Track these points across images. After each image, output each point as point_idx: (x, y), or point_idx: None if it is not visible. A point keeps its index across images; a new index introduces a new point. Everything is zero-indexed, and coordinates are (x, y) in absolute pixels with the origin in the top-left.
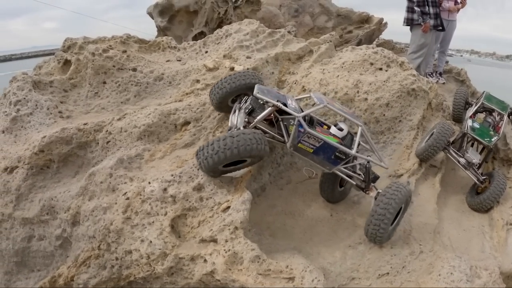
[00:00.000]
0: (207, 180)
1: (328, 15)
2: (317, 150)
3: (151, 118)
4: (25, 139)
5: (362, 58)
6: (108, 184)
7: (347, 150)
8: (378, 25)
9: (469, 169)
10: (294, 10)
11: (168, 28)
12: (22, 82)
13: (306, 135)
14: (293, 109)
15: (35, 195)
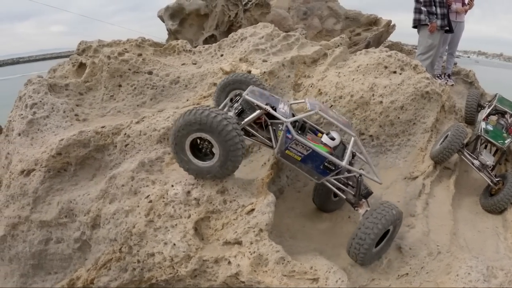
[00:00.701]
0: (231, 183)
1: (336, 17)
2: (305, 158)
3: (170, 121)
4: (41, 141)
5: (376, 61)
6: (130, 187)
7: (337, 161)
8: (386, 27)
9: (483, 171)
10: (302, 13)
11: (179, 31)
12: (37, 85)
13: (294, 142)
14: (282, 114)
15: (52, 197)
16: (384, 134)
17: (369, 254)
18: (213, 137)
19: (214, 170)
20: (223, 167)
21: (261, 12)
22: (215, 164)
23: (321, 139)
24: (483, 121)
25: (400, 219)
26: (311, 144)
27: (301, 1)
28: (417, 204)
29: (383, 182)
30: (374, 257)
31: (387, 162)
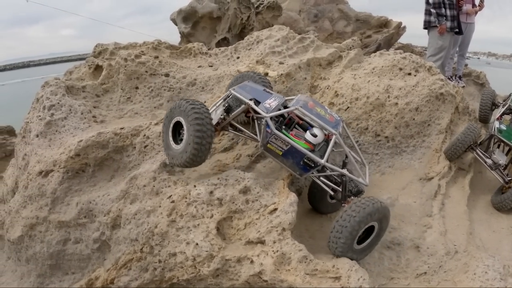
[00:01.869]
0: (253, 183)
1: (347, 20)
2: (286, 153)
3: None
4: (60, 143)
5: (391, 63)
6: (152, 187)
7: (316, 158)
8: (396, 29)
9: (496, 170)
10: (313, 15)
11: (192, 34)
12: (55, 87)
13: (273, 137)
14: (266, 109)
15: (71, 198)
16: (399, 136)
17: (348, 249)
18: (184, 121)
19: (178, 154)
20: (184, 151)
21: (272, 15)
22: (181, 147)
23: (305, 136)
24: (497, 120)
25: (385, 216)
26: (289, 140)
27: (312, 3)
28: (433, 204)
29: (399, 183)
30: (358, 254)
31: (402, 163)
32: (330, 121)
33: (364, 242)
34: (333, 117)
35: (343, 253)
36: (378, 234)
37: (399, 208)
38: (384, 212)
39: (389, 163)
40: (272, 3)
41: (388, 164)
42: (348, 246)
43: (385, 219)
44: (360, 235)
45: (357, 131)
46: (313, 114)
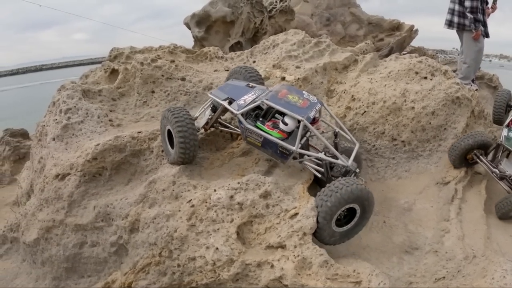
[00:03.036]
0: (274, 187)
1: (359, 23)
2: (264, 144)
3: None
4: (76, 146)
5: (407, 67)
6: (171, 191)
7: (288, 146)
8: (409, 32)
9: (503, 181)
10: (325, 19)
11: (205, 38)
12: (71, 90)
13: (248, 131)
14: (239, 106)
15: (88, 202)
16: (416, 140)
17: (327, 229)
18: (171, 128)
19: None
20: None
21: (285, 19)
22: (174, 150)
23: (279, 125)
24: (506, 127)
25: (368, 200)
26: (261, 132)
27: (324, 7)
28: (450, 209)
29: (416, 187)
30: (338, 237)
31: (419, 167)
32: (302, 106)
33: (346, 226)
34: (306, 102)
35: (322, 233)
36: (361, 218)
37: (416, 212)
38: (364, 194)
39: (406, 167)
40: (285, 7)
41: (404, 168)
42: (327, 225)
43: (367, 202)
44: (340, 218)
45: (374, 135)
46: (280, 103)
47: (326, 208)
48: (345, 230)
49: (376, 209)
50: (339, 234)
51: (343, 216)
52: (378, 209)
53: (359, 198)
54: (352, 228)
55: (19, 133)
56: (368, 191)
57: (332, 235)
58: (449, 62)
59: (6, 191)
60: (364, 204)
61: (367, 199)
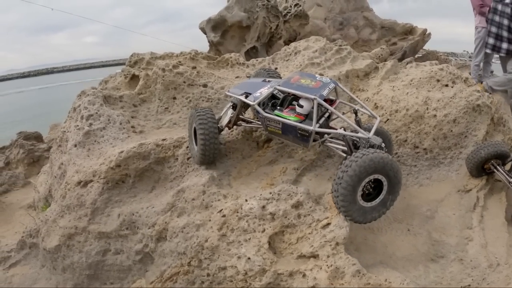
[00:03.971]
0: (306, 197)
1: (372, 27)
2: (284, 130)
3: (235, 135)
4: (99, 153)
5: (428, 75)
6: (201, 201)
7: (305, 127)
8: (421, 36)
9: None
10: (339, 23)
11: (221, 43)
12: (92, 96)
13: (266, 119)
14: (255, 98)
15: (111, 209)
16: (437, 147)
17: (351, 203)
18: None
19: (195, 153)
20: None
21: (299, 23)
22: (197, 147)
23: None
24: None
25: (392, 169)
26: (278, 118)
27: (337, 11)
28: (472, 217)
29: (437, 195)
30: (365, 213)
31: (440, 175)
32: (314, 87)
33: (375, 200)
34: (319, 83)
35: (346, 206)
36: (389, 190)
37: (439, 220)
38: (386, 162)
39: (427, 175)
40: (299, 11)
41: (426, 175)
42: (349, 198)
43: (392, 172)
44: (369, 192)
45: (396, 143)
46: (293, 87)
47: (347, 178)
48: (374, 205)
49: (399, 216)
50: (369, 209)
51: (372, 190)
52: (401, 216)
53: (381, 167)
54: (382, 202)
55: (33, 136)
56: (391, 159)
57: (361, 210)
58: (461, 66)
59: (20, 193)
60: (389, 174)
61: (391, 168)
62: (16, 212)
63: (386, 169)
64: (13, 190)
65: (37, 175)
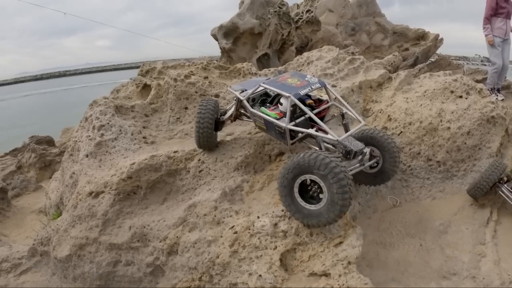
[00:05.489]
0: None
1: (384, 33)
2: (267, 126)
3: (247, 149)
4: (110, 164)
5: (442, 86)
6: (213, 217)
7: (279, 123)
8: (434, 41)
9: None
10: (350, 29)
11: (233, 50)
12: (104, 106)
13: (252, 114)
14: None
15: (123, 221)
16: (450, 160)
17: (290, 203)
18: None
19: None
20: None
21: (311, 30)
22: None
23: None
24: None
25: (332, 171)
26: (260, 113)
27: (349, 17)
28: (486, 232)
29: (450, 209)
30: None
31: (453, 187)
32: (296, 86)
33: (315, 204)
34: (304, 82)
35: (285, 206)
36: (331, 196)
37: (452, 235)
38: (322, 165)
39: (440, 188)
40: (311, 17)
41: (439, 188)
42: (288, 199)
43: (332, 175)
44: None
45: (409, 156)
46: (276, 85)
47: (280, 177)
48: (317, 209)
49: (412, 231)
50: (314, 212)
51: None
52: (414, 231)
53: (313, 168)
54: (326, 208)
55: (44, 140)
56: (329, 161)
57: (301, 212)
58: (474, 72)
59: (31, 198)
60: (324, 176)
61: (324, 169)
62: (28, 216)
63: (320, 171)
64: (24, 194)
65: (48, 179)
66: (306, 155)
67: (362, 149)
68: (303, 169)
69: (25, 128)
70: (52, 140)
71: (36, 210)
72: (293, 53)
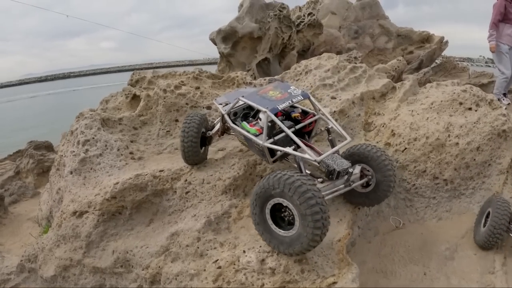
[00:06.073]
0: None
1: (388, 35)
2: (248, 142)
3: (236, 170)
4: (95, 182)
5: (451, 97)
6: (196, 248)
7: (257, 140)
8: (439, 44)
9: None
10: (354, 32)
11: (232, 55)
12: (90, 120)
13: (233, 130)
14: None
15: (107, 243)
16: (458, 178)
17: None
18: None
19: None
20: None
21: (313, 33)
22: None
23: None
24: None
25: (300, 193)
26: (239, 128)
27: (352, 19)
28: (495, 258)
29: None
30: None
31: (460, 207)
32: (275, 99)
33: (287, 230)
34: (285, 95)
35: (259, 232)
36: (302, 221)
37: (459, 261)
38: (287, 187)
39: (447, 207)
40: (313, 21)
41: (445, 208)
42: (261, 226)
43: (303, 198)
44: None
45: (414, 174)
46: (254, 98)
47: (251, 202)
48: (288, 235)
49: (416, 257)
50: (288, 239)
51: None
52: (418, 257)
53: (275, 190)
54: (297, 234)
55: (43, 146)
56: (290, 181)
57: (275, 239)
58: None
59: (29, 204)
60: (291, 198)
61: (302, 195)
62: (24, 224)
63: (286, 194)
64: (22, 200)
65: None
66: (271, 177)
67: (347, 168)
68: (269, 193)
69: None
70: (51, 145)
71: (32, 217)
72: (295, 57)
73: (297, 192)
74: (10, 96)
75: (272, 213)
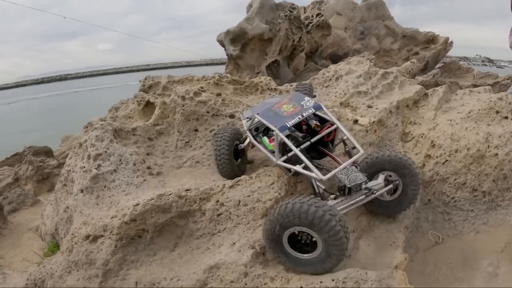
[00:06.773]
0: (377, 285)
1: (393, 36)
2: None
3: (277, 190)
4: (109, 201)
5: (487, 105)
6: (244, 285)
7: (271, 157)
8: (444, 45)
9: None
10: (360, 33)
11: (241, 57)
12: (101, 131)
13: (256, 147)
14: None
15: (127, 272)
16: (496, 189)
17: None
18: None
19: None
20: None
21: (321, 34)
22: None
23: None
24: None
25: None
26: (258, 144)
27: (358, 20)
28: None
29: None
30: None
31: (497, 219)
32: (286, 115)
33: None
34: (297, 109)
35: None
36: (326, 249)
37: (503, 278)
38: (317, 218)
39: (483, 220)
40: (321, 21)
41: (482, 221)
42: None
43: (329, 229)
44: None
45: (454, 187)
46: (267, 115)
47: (263, 232)
48: (309, 258)
49: (459, 274)
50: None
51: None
52: (462, 274)
53: (313, 222)
54: (320, 259)
55: (42, 151)
56: (318, 214)
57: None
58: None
59: (29, 213)
60: (323, 231)
61: (328, 226)
62: (25, 235)
63: (311, 224)
64: (21, 209)
65: (47, 192)
66: (283, 207)
67: (360, 183)
68: (288, 223)
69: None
70: (51, 151)
71: (33, 227)
72: (303, 59)
73: (327, 223)
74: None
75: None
